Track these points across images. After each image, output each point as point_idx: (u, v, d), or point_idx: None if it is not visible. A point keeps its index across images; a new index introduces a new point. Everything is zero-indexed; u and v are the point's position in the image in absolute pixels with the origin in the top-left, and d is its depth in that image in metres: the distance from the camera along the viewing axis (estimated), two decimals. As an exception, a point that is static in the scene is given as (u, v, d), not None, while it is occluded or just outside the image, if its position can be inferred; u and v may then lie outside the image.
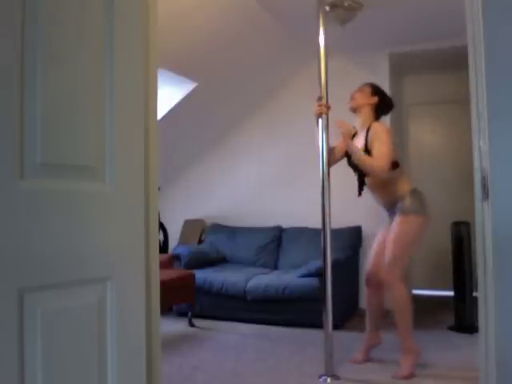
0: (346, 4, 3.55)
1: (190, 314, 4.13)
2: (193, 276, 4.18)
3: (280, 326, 4.02)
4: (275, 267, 4.78)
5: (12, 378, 0.96)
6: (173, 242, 5.24)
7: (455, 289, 3.93)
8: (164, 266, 4.13)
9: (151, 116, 1.45)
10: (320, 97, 2.96)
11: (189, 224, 5.35)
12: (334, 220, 3.00)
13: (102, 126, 1.19)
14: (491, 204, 1.55)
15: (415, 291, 4.65)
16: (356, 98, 3.11)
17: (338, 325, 3.57)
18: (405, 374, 2.84)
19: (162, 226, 5.04)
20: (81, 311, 1.12)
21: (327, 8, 3.35)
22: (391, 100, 3.21)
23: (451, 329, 3.86)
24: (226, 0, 3.55)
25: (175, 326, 4.12)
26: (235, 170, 5.34)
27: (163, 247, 5.09)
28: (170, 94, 4.41)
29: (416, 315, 3.03)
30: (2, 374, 0.94)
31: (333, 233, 2.97)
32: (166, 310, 4.12)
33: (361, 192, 3.11)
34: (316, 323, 3.43)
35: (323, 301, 2.90)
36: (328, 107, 2.97)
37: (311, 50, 3.21)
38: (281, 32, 4.20)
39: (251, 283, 4.16)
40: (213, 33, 3.82)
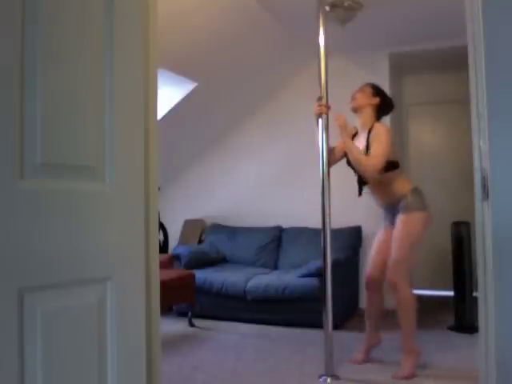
0: (346, 4, 3.55)
1: (190, 313, 4.13)
2: (193, 276, 4.19)
3: (280, 326, 4.02)
4: (275, 267, 4.78)
5: (12, 378, 0.96)
6: (173, 242, 5.24)
7: (455, 289, 3.93)
8: (164, 266, 4.13)
9: (151, 116, 1.46)
10: (320, 97, 2.96)
11: (189, 224, 5.36)
12: (334, 220, 3.00)
13: (101, 126, 1.19)
14: (491, 204, 1.55)
15: (415, 291, 4.62)
16: (357, 99, 3.10)
17: (337, 325, 3.57)
18: (405, 374, 2.84)
19: (162, 226, 5.04)
20: (81, 311, 1.12)
21: (327, 8, 3.35)
22: (391, 100, 3.21)
23: (451, 329, 3.86)
24: (226, 0, 3.55)
25: (175, 326, 4.12)
26: (235, 170, 5.34)
27: (163, 247, 5.09)
28: (169, 94, 4.41)
29: (416, 315, 3.03)
30: (2, 374, 0.94)
31: (333, 233, 2.97)
32: (166, 310, 4.12)
33: (361, 192, 3.12)
34: (316, 323, 3.43)
35: (323, 301, 2.90)
36: (328, 107, 2.97)
37: (311, 49, 3.21)
38: (281, 32, 4.20)
39: (251, 283, 4.16)
40: (213, 33, 3.82)
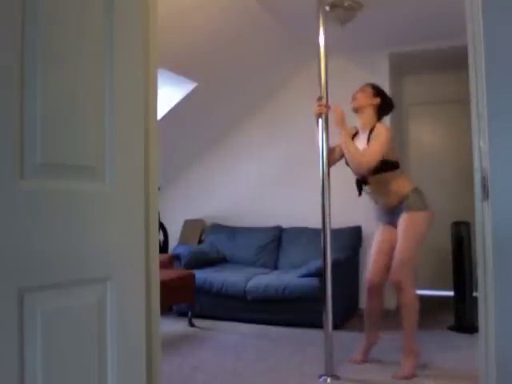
0: (346, 4, 3.55)
1: (190, 313, 4.13)
2: (193, 276, 4.19)
3: (280, 326, 4.02)
4: (275, 267, 4.78)
5: (12, 378, 0.96)
6: (173, 242, 5.24)
7: (455, 289, 3.93)
8: (164, 266, 4.13)
9: (151, 116, 1.46)
10: (320, 97, 2.96)
11: (189, 224, 5.36)
12: (334, 220, 3.00)
13: (101, 126, 1.19)
14: (491, 204, 1.54)
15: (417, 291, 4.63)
16: (358, 99, 3.09)
17: (337, 325, 3.57)
18: (405, 374, 2.84)
19: (162, 226, 5.04)
20: (81, 311, 1.12)
21: (327, 8, 3.35)
22: (392, 100, 3.21)
23: (451, 329, 3.86)
24: (226, 0, 3.55)
25: (175, 326, 4.12)
26: (235, 170, 5.34)
27: (163, 247, 5.09)
28: (170, 94, 4.41)
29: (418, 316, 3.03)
30: (2, 374, 0.94)
31: (333, 233, 2.97)
32: (166, 309, 4.12)
33: (360, 192, 3.11)
34: (316, 323, 3.43)
35: (323, 301, 2.90)
36: (328, 107, 2.97)
37: (311, 49, 3.21)
38: (281, 32, 4.20)
39: (251, 283, 4.16)
40: (213, 33, 3.82)
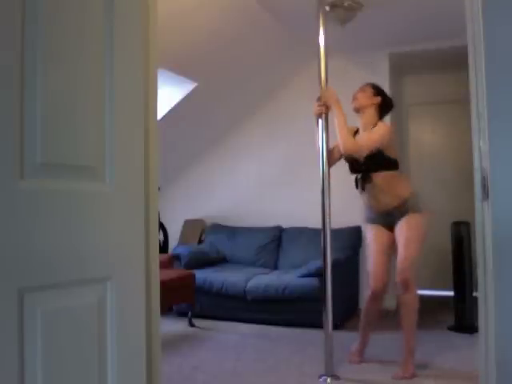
0: (346, 4, 3.55)
1: (190, 313, 4.13)
2: (193, 276, 4.18)
3: (280, 326, 4.02)
4: (275, 267, 4.78)
5: (12, 378, 0.96)
6: (173, 242, 5.24)
7: (455, 289, 3.93)
8: (164, 266, 4.13)
9: (151, 116, 1.46)
10: (320, 97, 2.96)
11: (189, 224, 5.36)
12: (334, 220, 3.00)
13: (101, 126, 1.19)
14: (491, 204, 1.54)
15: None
16: (359, 99, 3.09)
17: (337, 325, 3.57)
18: (406, 374, 2.84)
19: (162, 226, 5.04)
20: (81, 311, 1.12)
21: (327, 8, 3.35)
22: (391, 100, 3.21)
23: (451, 329, 3.86)
24: (226, 0, 3.55)
25: (175, 326, 4.12)
26: (235, 170, 5.34)
27: (163, 247, 5.09)
28: (169, 94, 4.41)
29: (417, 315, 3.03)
30: (2, 374, 0.94)
31: (333, 233, 2.97)
32: (166, 309, 4.12)
33: (363, 187, 3.02)
34: (316, 323, 3.43)
35: (323, 301, 2.90)
36: (328, 107, 2.97)
37: (311, 49, 3.21)
38: (281, 32, 4.20)
39: (251, 283, 4.16)
40: (213, 33, 3.82)
